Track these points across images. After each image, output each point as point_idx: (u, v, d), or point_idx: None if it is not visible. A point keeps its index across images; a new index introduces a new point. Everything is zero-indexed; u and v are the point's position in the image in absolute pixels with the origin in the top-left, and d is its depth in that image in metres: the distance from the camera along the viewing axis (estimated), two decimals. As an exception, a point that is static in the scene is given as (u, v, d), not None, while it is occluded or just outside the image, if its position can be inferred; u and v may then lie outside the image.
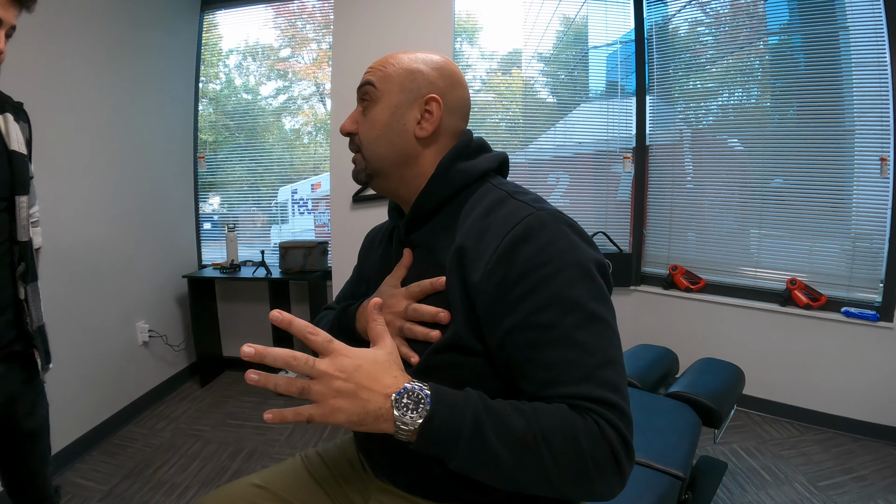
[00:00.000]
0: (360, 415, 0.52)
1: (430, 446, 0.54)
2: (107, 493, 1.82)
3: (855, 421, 2.20)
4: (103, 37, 2.22)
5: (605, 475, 0.56)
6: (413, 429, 0.53)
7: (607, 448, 0.56)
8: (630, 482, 0.60)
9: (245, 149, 3.09)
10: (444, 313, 0.65)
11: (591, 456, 0.55)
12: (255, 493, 0.79)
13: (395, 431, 0.54)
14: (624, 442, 0.57)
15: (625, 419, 0.57)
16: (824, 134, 2.27)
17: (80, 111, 2.10)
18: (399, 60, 0.74)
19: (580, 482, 0.56)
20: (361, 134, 0.75)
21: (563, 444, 0.55)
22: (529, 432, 0.55)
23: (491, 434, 0.54)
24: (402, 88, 0.72)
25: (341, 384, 0.52)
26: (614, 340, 0.61)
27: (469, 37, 2.98)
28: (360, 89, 0.74)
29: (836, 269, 2.28)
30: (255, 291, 2.95)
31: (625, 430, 0.57)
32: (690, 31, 2.65)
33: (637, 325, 2.71)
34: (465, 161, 0.73)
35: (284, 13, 3.01)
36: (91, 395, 2.15)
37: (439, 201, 0.72)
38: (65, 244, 2.01)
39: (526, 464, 0.55)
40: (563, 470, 0.55)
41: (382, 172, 0.75)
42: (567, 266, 0.59)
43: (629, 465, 0.58)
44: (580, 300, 0.59)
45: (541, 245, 0.60)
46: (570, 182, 2.87)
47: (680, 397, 1.53)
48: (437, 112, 0.72)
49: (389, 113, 0.72)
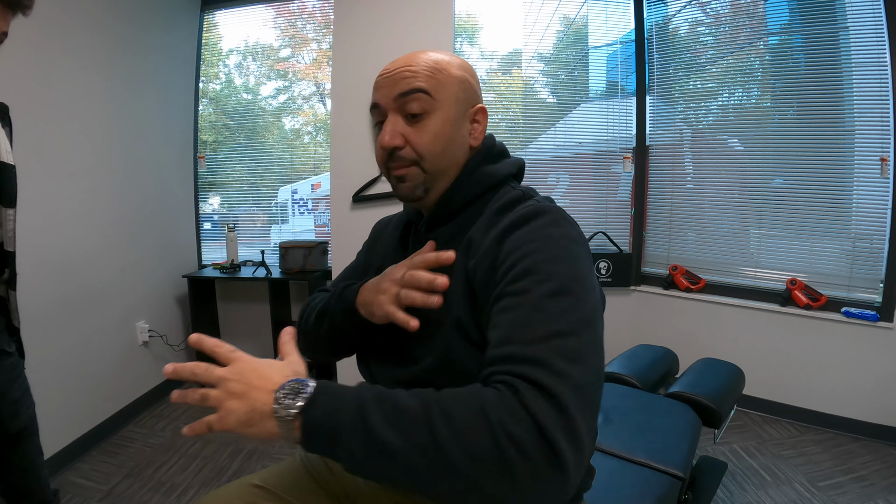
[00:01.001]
0: (248, 413, 0.51)
1: (314, 440, 0.51)
2: (107, 493, 1.82)
3: (855, 421, 2.20)
4: (103, 37, 2.22)
5: (531, 461, 0.45)
6: (291, 419, 0.50)
7: (531, 424, 0.46)
8: (630, 482, 0.57)
9: (245, 149, 3.09)
10: (443, 278, 0.63)
11: (504, 431, 0.46)
12: (254, 493, 0.79)
13: (278, 430, 0.51)
14: (565, 421, 0.47)
15: (577, 395, 0.49)
16: (824, 134, 2.27)
17: (79, 111, 2.10)
18: (444, 67, 0.71)
19: (496, 469, 0.46)
20: (420, 147, 0.70)
21: (467, 416, 0.48)
22: (423, 409, 0.49)
23: (378, 417, 0.49)
24: (456, 100, 0.72)
25: (234, 385, 0.53)
26: (588, 317, 0.56)
27: (469, 37, 2.98)
28: (405, 95, 0.68)
29: (836, 269, 2.28)
30: (255, 291, 2.94)
31: (570, 406, 0.47)
32: (690, 31, 2.65)
33: (637, 325, 2.70)
34: (490, 164, 0.75)
35: (284, 13, 3.01)
36: (91, 394, 2.15)
37: (463, 202, 0.74)
38: (64, 244, 2.01)
39: (420, 446, 0.48)
40: (469, 452, 0.46)
41: (439, 184, 0.73)
42: (552, 244, 0.60)
43: (574, 455, 0.47)
44: (558, 274, 0.58)
45: (532, 228, 0.62)
46: (570, 182, 2.87)
47: (680, 397, 1.53)
48: (483, 122, 0.75)
49: (451, 126, 0.71)
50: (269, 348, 2.85)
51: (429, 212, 0.76)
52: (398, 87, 0.69)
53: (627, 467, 1.20)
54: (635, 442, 1.28)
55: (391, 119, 0.70)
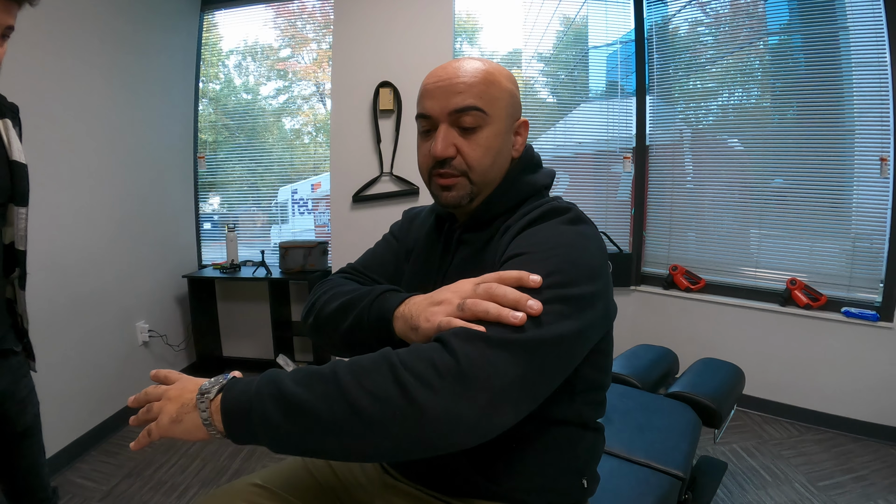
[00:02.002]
0: (177, 410, 0.56)
1: (233, 421, 0.53)
2: (107, 493, 1.82)
3: (855, 421, 2.20)
4: (103, 37, 2.22)
5: (431, 389, 0.49)
6: (209, 404, 0.54)
7: (428, 362, 0.50)
8: (630, 482, 0.58)
9: (245, 149, 3.09)
10: (537, 303, 0.54)
11: (406, 368, 0.50)
12: (255, 493, 0.79)
13: (202, 423, 0.54)
14: (455, 365, 0.50)
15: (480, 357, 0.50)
16: (824, 134, 2.27)
17: (79, 111, 2.10)
18: (496, 81, 0.72)
19: (401, 406, 0.48)
20: (472, 160, 0.71)
21: (370, 363, 0.52)
22: (331, 367, 0.53)
23: (288, 381, 0.53)
24: (507, 115, 0.74)
25: (171, 391, 0.58)
26: (567, 292, 0.57)
27: (469, 37, 2.98)
28: (460, 111, 0.69)
29: (836, 269, 2.28)
30: (255, 291, 2.94)
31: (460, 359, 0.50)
32: (690, 31, 2.65)
33: (637, 325, 2.71)
34: (530, 174, 0.78)
35: (284, 13, 3.01)
36: (91, 394, 2.15)
37: (503, 210, 0.76)
38: (64, 244, 2.01)
39: (327, 396, 0.50)
40: (372, 394, 0.49)
41: (483, 194, 0.75)
42: (559, 236, 0.64)
43: (439, 383, 0.49)
44: (554, 258, 0.60)
45: (547, 227, 0.66)
46: (570, 182, 2.87)
47: (680, 397, 1.53)
48: (525, 134, 0.78)
49: (501, 140, 0.73)
50: (269, 348, 2.85)
51: (466, 217, 0.78)
52: (453, 103, 0.69)
53: (627, 467, 1.20)
54: (635, 442, 1.28)
55: (444, 130, 0.71)
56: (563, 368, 0.58)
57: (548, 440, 0.69)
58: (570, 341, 0.57)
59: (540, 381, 0.55)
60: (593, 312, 0.60)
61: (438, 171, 0.72)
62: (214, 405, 0.54)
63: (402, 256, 0.88)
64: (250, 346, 3.00)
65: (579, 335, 0.58)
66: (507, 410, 0.51)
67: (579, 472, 0.74)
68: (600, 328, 0.66)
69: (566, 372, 0.59)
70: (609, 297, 0.66)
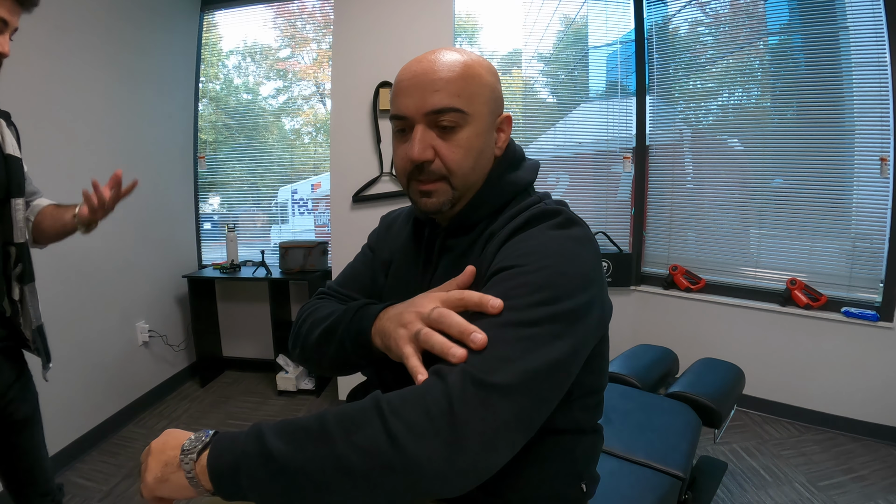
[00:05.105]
0: (161, 469, 0.53)
1: (221, 479, 0.50)
2: (107, 493, 1.82)
3: (855, 421, 2.20)
4: (103, 37, 2.22)
5: (423, 439, 0.46)
6: (193, 465, 0.51)
7: (422, 409, 0.48)
8: (630, 482, 0.57)
9: (245, 149, 3.09)
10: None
11: (397, 417, 0.47)
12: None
13: (186, 477, 0.52)
14: (450, 409, 0.47)
15: (481, 362, 0.50)
16: (824, 134, 2.27)
17: (80, 111, 2.10)
18: (476, 74, 0.67)
19: (390, 459, 0.46)
20: (450, 162, 0.66)
21: (358, 413, 0.49)
22: (317, 419, 0.50)
23: (273, 437, 0.50)
24: (489, 111, 0.68)
25: (155, 445, 0.56)
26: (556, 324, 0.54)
27: (469, 37, 2.98)
28: (437, 112, 0.64)
29: (836, 269, 2.28)
30: (255, 291, 2.94)
31: (454, 396, 0.48)
32: (690, 31, 2.65)
33: (637, 325, 2.71)
34: (513, 172, 0.73)
35: (284, 13, 3.01)
36: (91, 394, 2.15)
37: (488, 212, 0.71)
38: (65, 244, 2.00)
39: (316, 454, 0.48)
40: (360, 449, 0.47)
41: (465, 198, 0.70)
42: (549, 243, 0.60)
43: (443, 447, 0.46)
44: (545, 269, 0.57)
45: (535, 234, 0.62)
46: (570, 182, 2.87)
47: (680, 397, 1.53)
48: (508, 131, 0.72)
49: (482, 139, 0.68)
50: (268, 348, 2.85)
51: (448, 221, 0.73)
52: (429, 102, 0.64)
53: (627, 467, 1.20)
54: (635, 442, 1.28)
55: (420, 131, 0.65)
56: (561, 390, 0.56)
57: (544, 451, 0.67)
58: (566, 363, 0.55)
59: (537, 411, 0.53)
60: (587, 323, 0.58)
61: (417, 177, 0.68)
62: (200, 465, 0.51)
63: (379, 269, 0.84)
64: (250, 346, 3.00)
65: (574, 354, 0.56)
66: (503, 449, 0.50)
67: (578, 476, 0.72)
68: (595, 336, 0.63)
69: (564, 391, 0.57)
70: (604, 299, 0.64)
